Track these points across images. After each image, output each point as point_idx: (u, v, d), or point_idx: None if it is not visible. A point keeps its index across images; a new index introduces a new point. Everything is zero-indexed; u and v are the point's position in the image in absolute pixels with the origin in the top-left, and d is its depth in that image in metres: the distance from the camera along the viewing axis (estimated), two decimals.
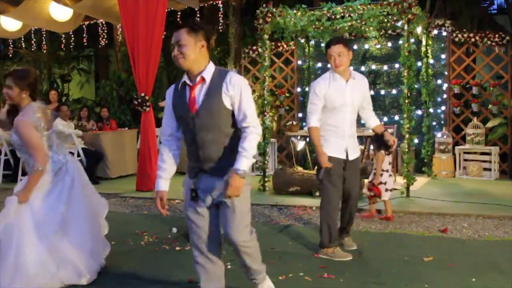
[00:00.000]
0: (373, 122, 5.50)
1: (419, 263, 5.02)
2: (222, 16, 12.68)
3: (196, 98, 3.44)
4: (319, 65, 11.49)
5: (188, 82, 3.48)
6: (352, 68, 10.99)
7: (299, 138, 10.09)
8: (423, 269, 4.85)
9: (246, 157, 3.35)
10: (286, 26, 9.00)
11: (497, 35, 10.17)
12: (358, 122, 10.36)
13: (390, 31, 10.49)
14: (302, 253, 5.42)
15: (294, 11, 8.73)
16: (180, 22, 12.41)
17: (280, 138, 11.27)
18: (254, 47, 11.43)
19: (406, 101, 8.25)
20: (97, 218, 4.95)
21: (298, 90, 11.55)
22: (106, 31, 14.50)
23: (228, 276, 3.98)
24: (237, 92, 3.38)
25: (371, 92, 10.96)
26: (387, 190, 6.78)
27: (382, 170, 6.74)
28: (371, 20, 8.47)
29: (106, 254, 4.97)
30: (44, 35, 15.58)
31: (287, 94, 11.47)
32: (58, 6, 11.43)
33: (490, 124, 10.24)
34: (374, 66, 11.16)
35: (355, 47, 11.17)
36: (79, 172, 4.79)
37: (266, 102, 9.06)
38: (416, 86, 8.79)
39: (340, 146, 5.20)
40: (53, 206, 4.48)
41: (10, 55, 16.41)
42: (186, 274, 4.68)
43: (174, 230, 6.31)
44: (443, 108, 10.72)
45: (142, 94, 9.19)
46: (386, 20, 8.97)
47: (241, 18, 14.16)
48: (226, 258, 4.69)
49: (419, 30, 9.68)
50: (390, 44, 11.03)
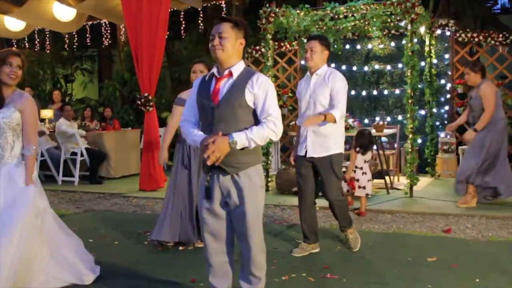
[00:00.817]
0: None
1: (422, 264, 5.01)
2: (225, 15, 12.67)
3: (220, 89, 3.47)
4: None
5: (216, 74, 3.52)
6: (355, 67, 11.03)
7: None
8: (426, 269, 4.85)
9: (247, 135, 3.33)
10: (289, 26, 9.00)
11: (500, 35, 10.16)
12: (362, 122, 10.45)
13: (393, 31, 10.48)
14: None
15: (297, 11, 8.73)
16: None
17: (283, 138, 11.25)
18: (257, 47, 11.42)
19: (410, 101, 8.24)
20: None
21: (297, 93, 11.50)
22: (109, 31, 14.51)
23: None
24: (262, 91, 3.39)
25: (374, 92, 11.07)
26: (360, 187, 7.04)
27: (356, 168, 7.04)
28: (374, 20, 8.48)
29: None
30: (47, 35, 15.60)
31: (290, 94, 11.46)
32: (61, 6, 11.45)
33: None
34: (377, 66, 11.14)
35: (358, 47, 11.16)
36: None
37: None
38: (419, 86, 8.76)
39: (301, 143, 5.35)
40: None
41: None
42: (190, 274, 4.68)
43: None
44: (447, 108, 10.70)
45: (145, 94, 9.21)
46: (389, 19, 8.95)
47: (244, 18, 14.16)
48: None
49: (423, 30, 9.68)
50: (393, 44, 11.00)
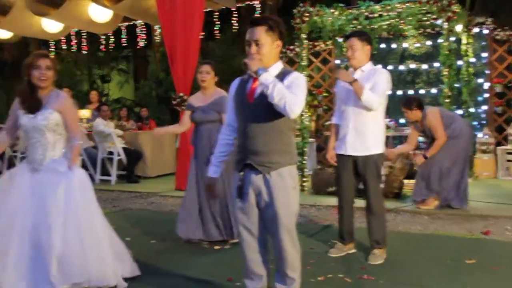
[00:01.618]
0: None
1: (461, 266, 4.93)
2: (259, 15, 12.69)
3: (256, 89, 3.48)
4: None
5: (253, 74, 3.51)
6: (390, 67, 10.94)
7: None
8: (466, 271, 4.76)
9: (275, 81, 3.28)
10: (324, 25, 8.97)
11: None
12: (398, 122, 10.36)
13: (429, 29, 10.36)
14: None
15: (332, 10, 8.70)
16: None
17: (318, 138, 11.23)
18: (292, 47, 11.41)
19: (447, 100, 8.14)
20: None
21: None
22: (144, 32, 14.67)
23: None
24: (288, 83, 3.36)
25: (410, 91, 10.95)
26: None
27: None
28: (410, 18, 8.41)
29: None
30: (84, 36, 15.82)
31: (325, 94, 11.43)
32: (97, 8, 11.59)
33: None
34: (413, 65, 11.05)
35: (393, 46, 11.07)
36: None
37: None
38: (456, 85, 8.65)
39: (341, 141, 5.24)
40: None
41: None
42: (226, 273, 4.69)
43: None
44: (485, 107, 10.54)
45: (181, 94, 9.26)
46: (425, 18, 8.85)
47: (277, 17, 14.14)
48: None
49: (459, 28, 9.54)
50: (429, 42, 10.89)
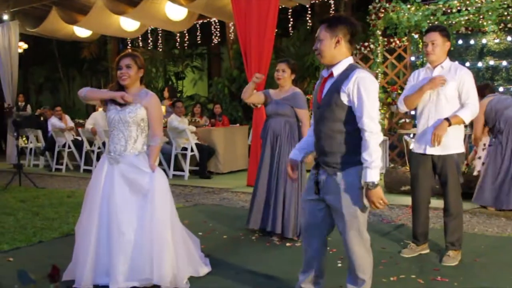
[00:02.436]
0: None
1: None
2: (333, 12, 12.60)
3: (323, 90, 3.49)
4: None
5: (324, 74, 3.53)
6: (468, 63, 10.65)
7: (412, 136, 9.84)
8: None
9: (370, 167, 3.28)
10: (400, 21, 8.84)
11: None
12: None
13: (509, 25, 10.02)
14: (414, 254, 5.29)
15: (408, 6, 8.55)
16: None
17: (391, 136, 11.06)
18: (366, 43, 11.27)
19: None
20: None
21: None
22: (218, 29, 14.83)
23: (337, 274, 3.96)
24: (355, 89, 3.32)
25: None
26: None
27: None
28: (490, 13, 8.17)
29: None
30: (160, 34, 16.16)
31: (400, 91, 11.22)
32: (173, 6, 11.81)
33: None
34: (492, 62, 10.70)
35: (472, 42, 10.76)
36: None
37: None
38: None
39: (419, 139, 5.12)
40: None
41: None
42: (297, 270, 4.68)
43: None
44: None
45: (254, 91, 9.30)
46: (506, 13, 8.57)
47: (352, 14, 14.01)
48: (336, 256, 4.68)
49: None
50: (509, 38, 10.53)
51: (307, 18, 13.35)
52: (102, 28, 13.99)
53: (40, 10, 13.80)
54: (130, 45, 16.91)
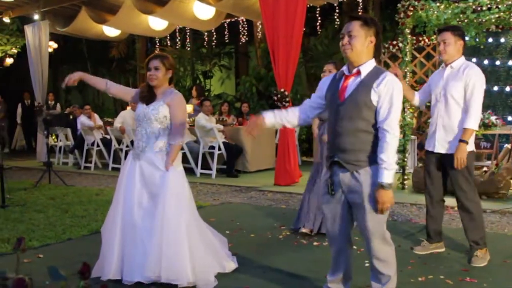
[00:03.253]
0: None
1: None
2: (361, 10, 12.53)
3: (347, 87, 3.48)
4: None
5: (345, 72, 3.53)
6: (498, 62, 10.50)
7: None
8: None
9: (387, 168, 3.32)
10: (429, 19, 8.73)
11: None
12: (505, 120, 9.93)
13: None
14: (443, 255, 5.23)
15: (437, 4, 8.45)
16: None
17: (420, 135, 10.96)
18: (394, 42, 11.18)
19: None
20: None
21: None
22: (246, 28, 14.84)
23: (365, 273, 3.93)
24: (387, 91, 3.35)
25: None
26: None
27: None
28: None
29: None
30: (188, 33, 16.23)
31: None
32: (201, 5, 11.88)
33: None
34: None
35: (502, 40, 10.61)
36: None
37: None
38: None
39: (430, 137, 5.13)
40: None
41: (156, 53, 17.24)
42: (323, 269, 4.67)
43: None
44: None
45: (282, 90, 9.31)
46: None
47: (381, 12, 13.92)
48: (364, 256, 4.65)
49: None
50: None
51: (335, 17, 13.29)
52: (131, 27, 14.12)
53: (70, 10, 13.99)
54: (158, 44, 17.03)
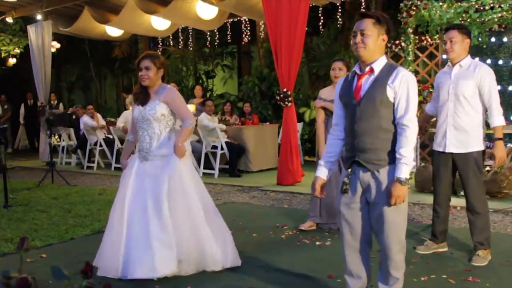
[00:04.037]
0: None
1: None
2: (364, 10, 12.51)
3: (361, 86, 3.46)
4: None
5: (357, 71, 3.51)
6: (501, 61, 10.49)
7: None
8: None
9: (406, 163, 3.30)
10: (431, 19, 8.74)
11: None
12: (508, 119, 9.91)
13: None
14: (446, 254, 5.23)
15: (440, 3, 8.45)
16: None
17: (423, 134, 10.94)
18: (397, 42, 11.17)
19: None
20: None
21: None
22: (249, 28, 14.84)
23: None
24: (403, 86, 3.34)
25: None
26: None
27: None
28: None
29: None
30: (190, 33, 16.24)
31: (431, 90, 11.09)
32: (204, 5, 11.88)
33: None
34: None
35: (505, 40, 10.58)
36: None
37: None
38: None
39: (440, 137, 5.09)
40: None
41: (159, 53, 17.25)
42: (327, 269, 4.68)
43: None
44: None
45: (284, 90, 9.31)
46: None
47: (383, 11, 13.88)
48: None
49: None
50: None
51: (338, 16, 13.28)
52: (134, 27, 14.13)
53: (72, 10, 14.00)
54: (161, 44, 17.04)
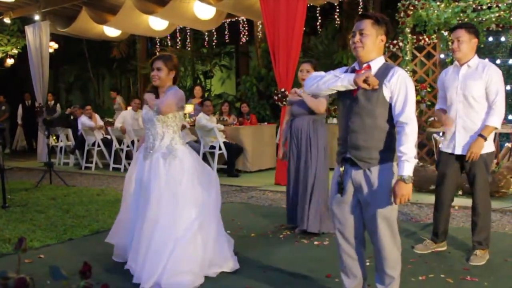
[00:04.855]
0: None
1: None
2: (362, 10, 12.52)
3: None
4: None
5: (356, 67, 3.52)
6: (498, 61, 10.50)
7: (441, 134, 9.74)
8: None
9: (408, 160, 3.29)
10: (429, 18, 8.75)
11: None
12: (506, 119, 9.92)
13: None
14: (443, 253, 5.24)
15: (437, 3, 8.46)
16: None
17: (420, 134, 10.94)
18: (395, 41, 11.18)
19: None
20: None
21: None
22: (246, 28, 14.85)
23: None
24: (399, 86, 3.34)
25: None
26: None
27: None
28: None
29: None
30: (188, 33, 16.24)
31: (429, 89, 11.10)
32: (202, 5, 11.88)
33: None
34: None
35: (503, 39, 10.60)
36: None
37: None
38: None
39: (449, 139, 5.08)
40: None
41: (157, 53, 17.24)
42: (325, 269, 4.69)
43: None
44: None
45: (282, 89, 9.31)
46: None
47: (381, 11, 13.90)
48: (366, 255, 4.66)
49: None
50: None
51: (335, 16, 13.29)
52: (131, 27, 14.13)
53: (70, 10, 13.99)
54: (158, 44, 17.04)
